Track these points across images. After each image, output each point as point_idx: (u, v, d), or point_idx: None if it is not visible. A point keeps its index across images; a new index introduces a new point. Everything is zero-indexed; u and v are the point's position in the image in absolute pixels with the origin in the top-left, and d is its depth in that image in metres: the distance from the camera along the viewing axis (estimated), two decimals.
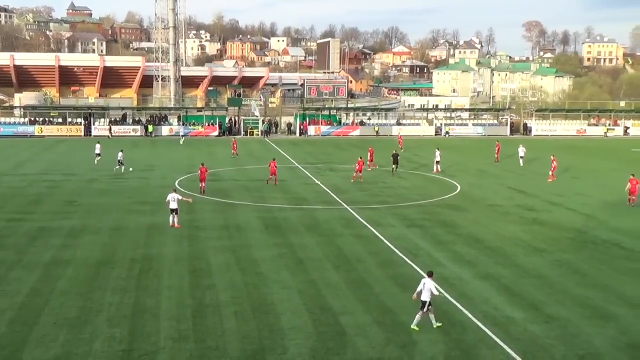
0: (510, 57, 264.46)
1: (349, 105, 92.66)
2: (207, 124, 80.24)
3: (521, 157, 55.96)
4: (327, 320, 19.30)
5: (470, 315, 19.82)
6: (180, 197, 31.28)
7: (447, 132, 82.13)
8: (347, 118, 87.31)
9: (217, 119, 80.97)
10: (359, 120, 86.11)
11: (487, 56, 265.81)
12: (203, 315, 19.60)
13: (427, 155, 60.52)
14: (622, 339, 18.39)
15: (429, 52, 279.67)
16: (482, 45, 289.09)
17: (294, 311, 19.98)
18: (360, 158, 47.41)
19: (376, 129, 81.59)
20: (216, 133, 78.73)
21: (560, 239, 29.83)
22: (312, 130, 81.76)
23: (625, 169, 53.00)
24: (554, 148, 69.58)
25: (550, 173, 47.56)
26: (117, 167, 48.81)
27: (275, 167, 43.55)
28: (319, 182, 44.73)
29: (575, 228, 31.92)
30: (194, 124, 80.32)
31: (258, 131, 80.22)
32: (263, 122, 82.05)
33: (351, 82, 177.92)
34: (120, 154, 49.63)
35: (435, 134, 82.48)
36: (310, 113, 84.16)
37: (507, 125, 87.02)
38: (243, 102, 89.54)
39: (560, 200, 39.52)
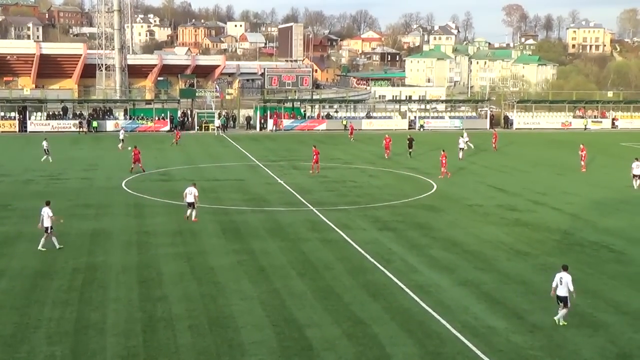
0: (489, 43, 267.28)
1: (314, 97, 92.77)
2: (156, 118, 79.62)
3: (461, 148, 56.70)
4: (292, 334, 19.28)
5: (448, 326, 19.98)
6: (196, 193, 32.98)
7: (421, 126, 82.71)
8: (312, 111, 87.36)
9: (168, 113, 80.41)
10: (325, 114, 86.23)
11: (465, 43, 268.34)
12: (154, 330, 19.44)
13: (401, 151, 60.81)
14: (612, 348, 18.70)
15: (401, 38, 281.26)
16: (458, 31, 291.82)
17: (256, 324, 19.93)
18: (443, 151, 48.05)
19: (344, 122, 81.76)
20: (167, 128, 78.19)
21: (545, 241, 30.22)
22: (273, 124, 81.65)
23: (614, 164, 53.96)
24: (538, 142, 70.53)
25: (582, 163, 51.12)
26: (44, 157, 52.64)
27: (139, 153, 47.96)
28: (281, 182, 44.70)
29: (560, 229, 32.37)
30: (142, 118, 79.64)
31: (214, 126, 79.86)
32: (220, 116, 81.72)
33: (316, 71, 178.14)
34: (44, 142, 53.97)
35: (409, 128, 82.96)
36: (272, 105, 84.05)
37: (486, 118, 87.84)
38: (197, 94, 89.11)
39: (544, 199, 40.04)
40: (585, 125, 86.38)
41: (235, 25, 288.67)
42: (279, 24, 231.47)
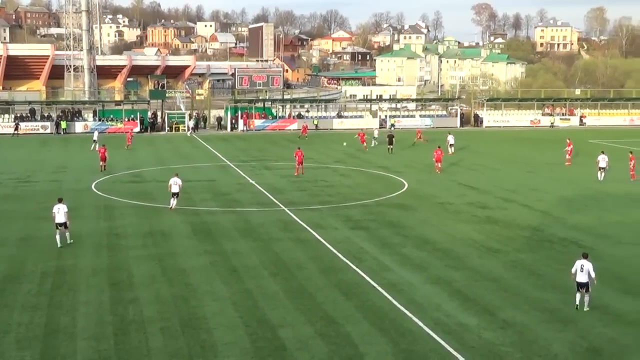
0: (459, 42, 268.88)
1: (285, 97, 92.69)
2: (126, 120, 79.01)
3: (451, 144, 58.72)
4: (265, 334, 19.25)
5: (420, 324, 20.06)
6: (181, 183, 35.51)
7: (392, 125, 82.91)
8: (283, 111, 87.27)
9: (138, 114, 79.80)
10: (296, 113, 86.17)
11: (435, 42, 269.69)
12: (126, 333, 19.29)
13: (371, 150, 61.02)
14: (582, 343, 18.91)
15: (372, 37, 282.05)
16: (428, 30, 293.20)
17: (228, 325, 19.86)
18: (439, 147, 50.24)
19: (315, 122, 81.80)
20: (137, 129, 77.60)
21: (515, 238, 30.49)
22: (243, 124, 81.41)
23: (582, 162, 54.57)
24: (507, 140, 71.11)
25: (567, 157, 53.02)
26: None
27: (106, 151, 48.95)
28: (253, 182, 44.60)
29: (530, 226, 32.67)
30: (111, 120, 78.97)
31: (184, 126, 79.44)
32: (190, 117, 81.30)
33: (287, 71, 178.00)
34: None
35: (380, 127, 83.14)
36: (243, 106, 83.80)
37: (457, 116, 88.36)
38: (167, 95, 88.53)
39: (514, 196, 40.39)
40: (552, 123, 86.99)
41: (205, 26, 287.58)
42: (250, 24, 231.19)
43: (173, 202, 35.36)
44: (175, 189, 35.21)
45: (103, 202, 37.70)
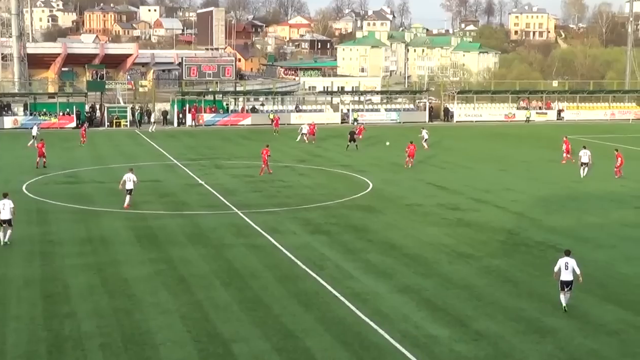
0: (427, 30, 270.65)
1: (238, 89, 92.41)
2: (61, 114, 78.03)
3: (425, 139, 59.80)
4: (216, 350, 19.18)
5: (387, 336, 20.16)
6: (135, 179, 36.66)
7: (355, 120, 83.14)
8: (235, 104, 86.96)
9: (75, 107, 78.86)
10: (250, 107, 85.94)
11: (401, 29, 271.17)
12: (61, 350, 19.07)
13: (333, 147, 61.17)
14: (561, 355, 19.18)
15: (333, 24, 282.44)
16: (394, 16, 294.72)
17: (176, 340, 19.74)
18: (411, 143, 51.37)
19: (271, 116, 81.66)
20: (73, 124, 76.68)
21: (488, 242, 30.79)
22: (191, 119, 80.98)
23: (559, 159, 55.28)
24: (480, 136, 71.82)
25: (566, 155, 53.66)
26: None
27: (44, 146, 49.67)
28: (202, 182, 44.41)
29: (505, 229, 33.04)
30: (45, 114, 77.92)
31: (126, 121, 78.70)
32: (134, 111, 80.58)
33: (240, 60, 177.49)
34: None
35: (342, 122, 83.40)
36: (191, 99, 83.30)
37: (425, 110, 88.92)
38: (106, 86, 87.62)
39: (487, 197, 40.81)
40: (528, 118, 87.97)
41: (149, 10, 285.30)
42: (198, 9, 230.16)
43: (128, 198, 36.39)
44: (129, 185, 36.22)
45: (35, 206, 37.20)
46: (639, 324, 21.37)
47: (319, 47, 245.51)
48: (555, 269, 22.53)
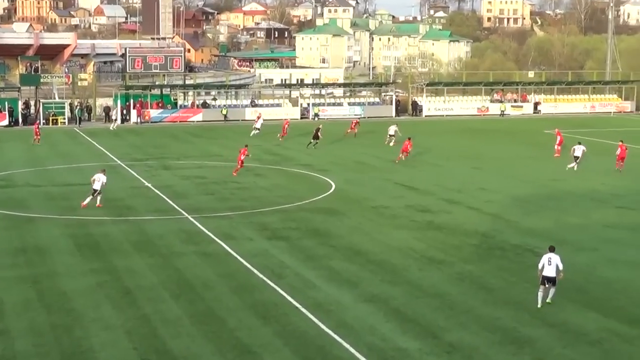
0: (393, 17, 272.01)
1: (187, 82, 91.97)
2: None
3: (391, 135, 60.28)
4: None
5: (352, 350, 20.20)
6: (104, 181, 37.64)
7: (316, 115, 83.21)
8: (185, 99, 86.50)
9: (7, 104, 77.86)
10: (201, 102, 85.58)
11: (365, 16, 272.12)
12: None
13: (293, 145, 61.12)
14: None
15: (291, 11, 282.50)
16: (357, 3, 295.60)
17: (121, 358, 19.61)
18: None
19: (224, 112, 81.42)
20: (5, 122, 75.71)
21: (461, 246, 31.00)
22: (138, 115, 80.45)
23: (537, 155, 55.94)
24: (451, 131, 72.27)
25: (557, 147, 55.07)
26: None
27: None
28: (149, 185, 44.13)
29: (479, 232, 33.28)
30: None
31: (64, 118, 77.89)
32: (72, 107, 79.75)
33: (189, 50, 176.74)
34: None
35: (302, 117, 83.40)
36: (136, 93, 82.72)
37: (391, 104, 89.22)
38: (42, 80, 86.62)
39: (460, 197, 41.08)
40: (502, 111, 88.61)
41: None
42: None
43: (89, 199, 37.23)
44: (96, 185, 37.23)
45: None
46: (622, 332, 21.66)
47: (276, 36, 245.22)
48: (539, 265, 23.69)
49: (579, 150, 48.97)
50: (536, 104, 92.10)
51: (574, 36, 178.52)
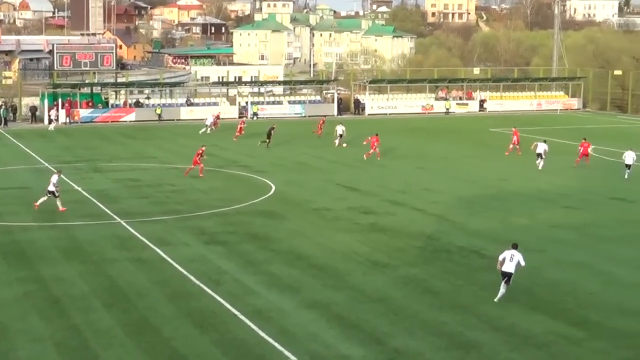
0: (335, 12, 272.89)
1: (119, 80, 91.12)
2: None
3: (340, 135, 60.74)
4: None
5: (293, 358, 20.23)
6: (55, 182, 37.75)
7: (254, 114, 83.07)
8: (116, 98, 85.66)
9: None
10: (133, 101, 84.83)
11: (305, 11, 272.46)
12: None
13: (230, 145, 60.95)
14: None
15: (228, 5, 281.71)
16: None
17: None
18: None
19: (158, 111, 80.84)
20: None
21: (406, 249, 31.23)
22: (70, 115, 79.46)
23: (483, 154, 56.61)
24: (395, 130, 72.67)
25: (512, 147, 56.17)
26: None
27: None
28: (79, 189, 43.65)
29: (424, 234, 33.57)
30: None
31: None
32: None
33: (121, 47, 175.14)
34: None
35: (240, 116, 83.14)
36: (64, 92, 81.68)
37: (333, 102, 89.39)
38: None
39: (404, 198, 41.37)
40: (447, 109, 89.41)
41: None
42: None
43: (40, 200, 37.46)
44: (50, 187, 37.41)
45: None
46: (569, 334, 22.04)
47: (213, 31, 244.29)
48: (500, 258, 24.76)
49: (540, 147, 49.98)
50: (482, 102, 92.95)
51: (520, 32, 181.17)
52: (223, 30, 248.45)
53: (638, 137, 55.57)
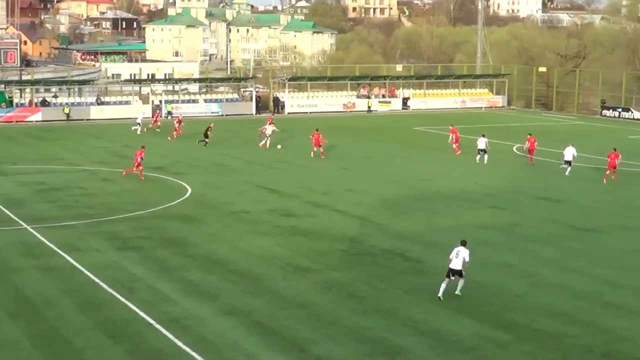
0: (252, 6, 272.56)
1: (24, 78, 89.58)
2: None
3: (268, 135, 60.78)
4: None
5: None
6: None
7: (169, 112, 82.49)
8: (21, 96, 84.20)
9: None
10: (40, 99, 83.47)
11: (221, 5, 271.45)
12: None
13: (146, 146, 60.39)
14: None
15: None
16: None
17: None
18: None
19: (66, 110, 79.71)
20: None
21: (328, 252, 31.35)
22: None
23: (406, 154, 57.17)
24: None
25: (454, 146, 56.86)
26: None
27: None
28: None
29: (347, 237, 33.73)
30: None
31: None
32: None
33: (25, 43, 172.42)
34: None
35: (153, 115, 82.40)
36: None
37: (252, 100, 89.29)
38: None
39: (326, 200, 41.52)
40: (370, 107, 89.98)
41: None
42: None
43: None
44: None
45: None
46: (496, 338, 22.39)
47: (124, 26, 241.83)
48: (450, 256, 25.88)
49: (481, 143, 50.89)
50: (405, 100, 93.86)
51: (443, 27, 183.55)
52: (135, 26, 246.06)
53: (563, 135, 56.74)
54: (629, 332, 22.94)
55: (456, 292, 25.49)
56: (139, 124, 68.29)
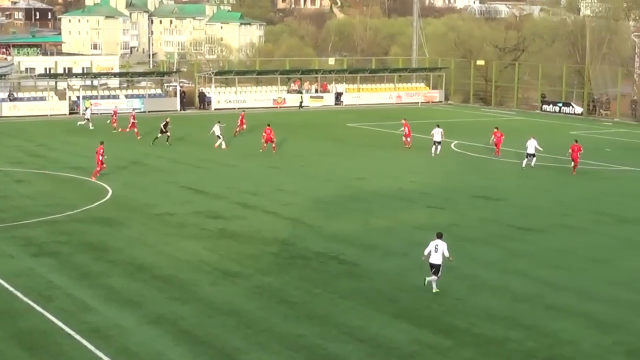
0: None
1: None
2: None
3: (218, 136, 59.79)
4: None
5: None
6: None
7: (86, 109, 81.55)
8: None
9: None
10: None
11: None
12: None
13: (59, 145, 59.70)
14: None
15: None
16: None
17: None
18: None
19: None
20: None
21: (259, 256, 31.29)
22: None
23: (339, 152, 57.34)
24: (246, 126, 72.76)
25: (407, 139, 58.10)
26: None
27: None
28: None
29: (278, 239, 33.71)
30: None
31: None
32: None
33: None
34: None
35: (71, 112, 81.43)
36: None
37: (176, 96, 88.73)
38: None
39: (255, 200, 41.45)
40: (301, 103, 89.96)
41: None
42: None
43: None
44: None
45: None
46: (435, 343, 22.56)
47: (38, 17, 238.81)
48: (425, 251, 26.65)
49: (437, 134, 51.43)
50: (338, 95, 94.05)
51: (377, 19, 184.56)
52: (50, 16, 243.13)
53: (504, 131, 57.19)
54: (571, 335, 23.31)
55: (434, 291, 26.49)
56: (87, 119, 67.57)
